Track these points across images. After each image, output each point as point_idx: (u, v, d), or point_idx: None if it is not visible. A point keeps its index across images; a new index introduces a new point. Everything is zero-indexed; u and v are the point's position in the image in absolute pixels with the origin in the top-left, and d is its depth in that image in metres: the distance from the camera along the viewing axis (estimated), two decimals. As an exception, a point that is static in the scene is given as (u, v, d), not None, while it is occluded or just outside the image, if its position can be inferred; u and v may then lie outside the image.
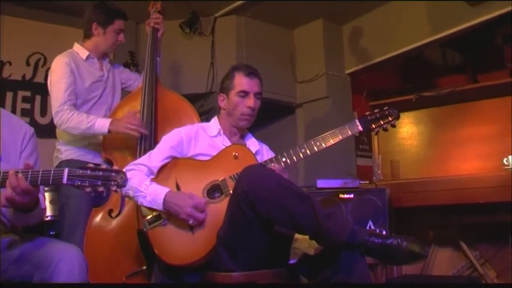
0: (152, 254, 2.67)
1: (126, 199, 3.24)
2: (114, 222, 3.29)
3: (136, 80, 3.80)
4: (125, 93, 3.80)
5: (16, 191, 1.90)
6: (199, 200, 2.56)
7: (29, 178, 1.92)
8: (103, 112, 3.51)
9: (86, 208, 3.30)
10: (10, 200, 1.91)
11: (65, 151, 3.45)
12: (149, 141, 3.34)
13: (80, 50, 3.51)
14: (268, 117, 5.19)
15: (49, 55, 4.24)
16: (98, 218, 3.29)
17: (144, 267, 3.10)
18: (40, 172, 1.93)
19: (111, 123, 3.28)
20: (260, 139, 3.10)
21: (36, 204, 2.06)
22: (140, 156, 3.22)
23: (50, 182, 1.92)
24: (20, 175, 1.91)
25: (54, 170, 1.92)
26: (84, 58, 3.48)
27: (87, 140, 3.44)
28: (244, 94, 2.86)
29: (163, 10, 3.79)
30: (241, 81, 2.88)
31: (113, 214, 3.30)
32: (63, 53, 3.45)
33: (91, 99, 3.47)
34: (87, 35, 3.55)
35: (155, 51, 3.65)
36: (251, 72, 2.90)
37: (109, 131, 3.27)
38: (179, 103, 3.60)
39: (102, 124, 3.27)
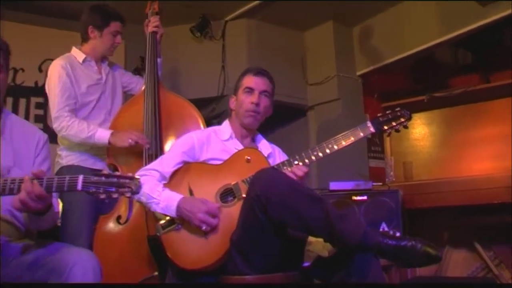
0: (163, 259, 2.67)
1: (134, 205, 3.26)
2: (123, 229, 3.28)
3: (138, 83, 3.78)
4: (127, 96, 3.80)
5: (31, 196, 1.91)
6: (212, 206, 2.56)
7: (44, 185, 1.93)
8: (102, 117, 3.49)
9: (89, 214, 3.30)
10: (24, 203, 1.92)
11: (66, 157, 3.43)
12: (154, 146, 3.33)
13: (77, 54, 3.50)
14: (279, 120, 5.20)
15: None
16: (106, 225, 3.28)
17: (156, 273, 3.10)
18: (55, 179, 1.94)
19: (112, 135, 3.27)
20: (272, 142, 3.10)
21: (48, 208, 2.07)
22: (146, 161, 3.24)
23: (65, 188, 1.93)
24: (35, 181, 1.92)
25: (69, 177, 1.93)
26: (80, 61, 3.47)
27: (88, 146, 3.40)
28: (250, 90, 2.88)
29: (160, 11, 3.75)
30: (248, 79, 2.91)
31: (121, 221, 3.29)
32: (60, 57, 3.44)
33: (89, 102, 3.44)
34: (84, 39, 3.53)
35: (156, 54, 3.62)
36: (259, 71, 2.93)
37: (109, 143, 3.27)
38: (183, 105, 3.58)
39: (102, 136, 3.26)
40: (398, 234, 2.27)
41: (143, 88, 3.56)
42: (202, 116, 3.55)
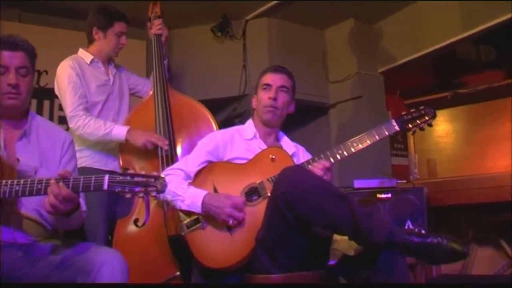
0: (185, 259, 2.70)
1: (151, 207, 3.28)
2: (141, 231, 3.27)
3: (144, 85, 3.78)
4: (134, 98, 3.81)
5: (58, 198, 1.94)
6: (237, 200, 2.57)
7: (70, 185, 1.95)
8: (110, 117, 3.48)
9: (103, 216, 3.32)
10: (53, 206, 1.95)
11: (78, 159, 3.42)
12: (168, 147, 3.32)
13: (84, 55, 3.51)
14: (301, 118, 5.18)
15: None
16: (124, 228, 3.28)
17: (178, 273, 3.11)
18: (81, 179, 1.96)
19: (128, 132, 3.28)
20: (294, 140, 3.09)
21: (76, 208, 2.09)
22: (161, 163, 3.25)
23: (92, 188, 1.95)
24: (61, 183, 1.94)
25: (95, 177, 1.95)
26: (88, 62, 3.48)
27: (100, 146, 3.42)
28: (267, 86, 2.89)
29: (162, 13, 3.73)
30: (265, 77, 2.94)
31: (139, 223, 3.27)
32: (67, 58, 3.44)
33: (97, 103, 3.44)
34: (90, 40, 3.54)
35: (162, 56, 3.62)
36: (276, 68, 2.96)
37: (126, 140, 3.28)
38: (193, 105, 3.57)
39: (119, 132, 3.28)
40: (423, 232, 2.26)
41: (150, 91, 3.58)
42: (213, 116, 3.54)
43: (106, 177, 1.93)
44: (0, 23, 4.13)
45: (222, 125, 4.42)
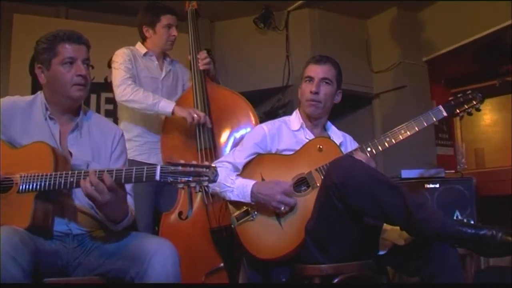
0: (227, 251, 2.75)
1: (195, 200, 3.31)
2: (185, 224, 3.31)
3: None
4: None
5: (98, 188, 1.97)
6: (286, 185, 2.57)
7: (123, 176, 1.98)
8: None
9: (150, 208, 3.40)
10: (90, 195, 1.99)
11: None
12: (207, 140, 3.36)
13: (139, 47, 3.61)
14: (344, 109, 5.16)
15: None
16: (169, 221, 3.33)
17: (222, 264, 3.16)
18: (134, 169, 1.99)
19: (175, 106, 3.31)
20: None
21: (125, 214, 2.17)
22: (201, 157, 3.28)
23: (144, 179, 1.96)
24: (106, 173, 1.98)
25: (147, 168, 1.97)
26: (142, 54, 3.56)
27: (143, 139, 3.51)
28: (309, 79, 2.86)
29: (199, 7, 3.76)
30: (308, 68, 2.89)
31: (183, 216, 3.33)
32: (124, 47, 3.54)
33: None
34: (143, 38, 3.63)
35: (199, 50, 3.62)
36: (318, 59, 2.90)
37: (173, 113, 3.30)
38: (232, 97, 3.57)
39: (167, 105, 3.31)
40: (472, 223, 2.22)
41: (190, 84, 3.61)
42: (254, 107, 3.54)
43: (158, 167, 1.94)
44: (49, 20, 4.22)
45: (266, 116, 4.44)
